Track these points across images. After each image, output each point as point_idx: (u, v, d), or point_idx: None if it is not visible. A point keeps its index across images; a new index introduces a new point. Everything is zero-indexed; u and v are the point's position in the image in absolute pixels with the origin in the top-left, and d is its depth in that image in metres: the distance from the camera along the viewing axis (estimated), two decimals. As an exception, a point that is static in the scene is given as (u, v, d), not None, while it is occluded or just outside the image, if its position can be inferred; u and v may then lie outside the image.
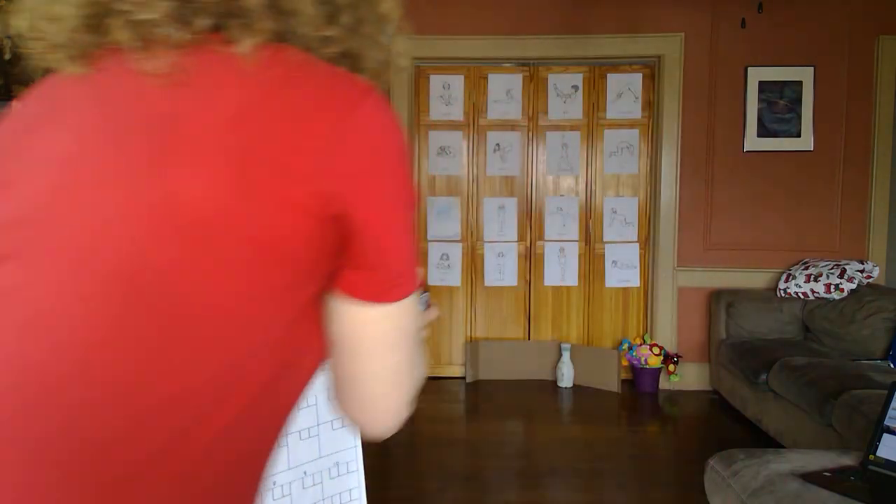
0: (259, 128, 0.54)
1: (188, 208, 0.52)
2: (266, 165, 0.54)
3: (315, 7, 0.61)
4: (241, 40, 0.57)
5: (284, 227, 0.54)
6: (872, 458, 2.03)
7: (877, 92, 4.41)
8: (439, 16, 4.55)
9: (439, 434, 3.76)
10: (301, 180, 0.54)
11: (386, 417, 0.66)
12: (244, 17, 0.57)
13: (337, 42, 0.64)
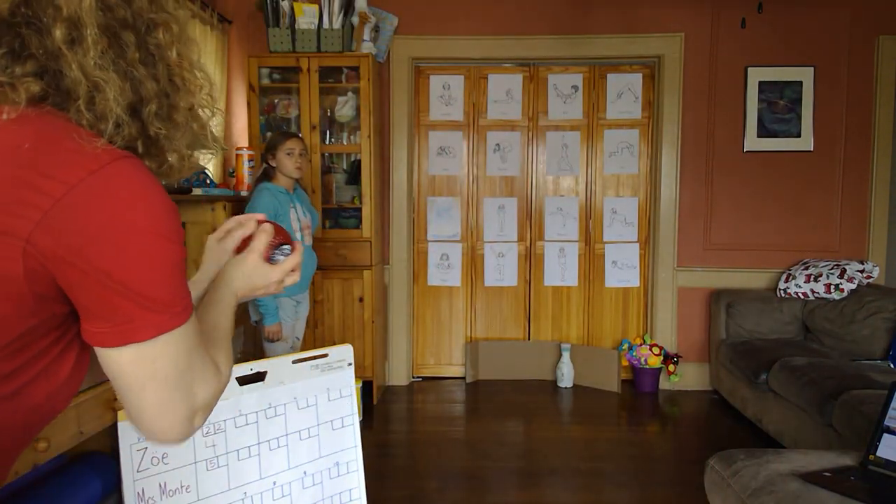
0: None
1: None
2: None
3: (119, 108, 0.73)
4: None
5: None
6: (872, 458, 2.03)
7: (877, 92, 4.42)
8: (439, 16, 4.55)
9: (439, 434, 3.76)
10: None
11: (164, 433, 0.75)
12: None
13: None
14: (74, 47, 0.70)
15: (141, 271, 0.69)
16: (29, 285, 0.67)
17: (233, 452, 2.03)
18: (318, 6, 4.22)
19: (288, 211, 3.09)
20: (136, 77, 0.74)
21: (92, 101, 0.71)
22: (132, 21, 0.75)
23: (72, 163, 0.67)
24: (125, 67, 0.74)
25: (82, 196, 0.66)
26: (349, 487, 2.09)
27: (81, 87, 0.71)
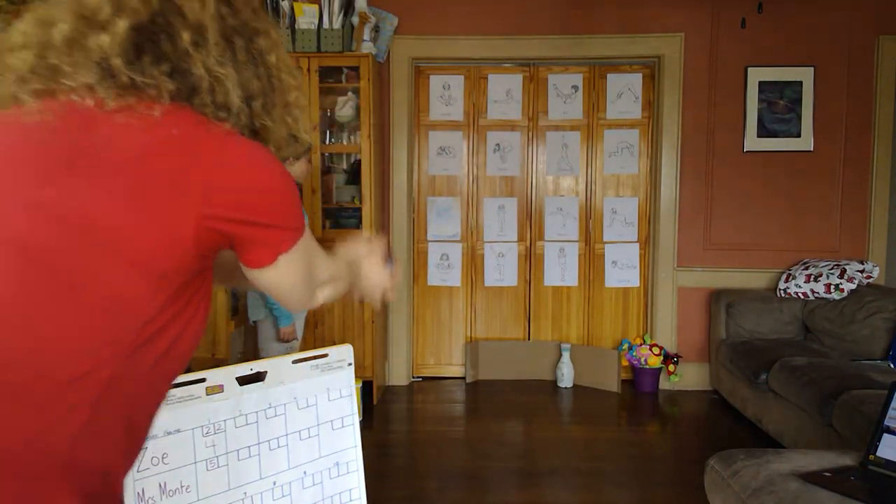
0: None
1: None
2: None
3: (237, 99, 0.87)
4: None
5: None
6: (872, 458, 2.03)
7: (877, 92, 4.41)
8: (439, 16, 4.55)
9: (439, 434, 3.76)
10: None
11: (304, 304, 1.02)
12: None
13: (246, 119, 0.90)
14: (199, 49, 0.84)
15: (280, 207, 0.87)
16: (195, 247, 0.80)
17: (233, 452, 2.03)
18: (318, 6, 4.22)
19: None
20: (245, 76, 0.89)
21: (213, 94, 0.85)
22: (241, 29, 0.90)
23: (214, 135, 0.83)
24: (237, 67, 0.88)
25: (226, 163, 0.81)
26: (349, 487, 2.09)
27: (205, 82, 0.84)
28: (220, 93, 0.85)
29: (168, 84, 0.82)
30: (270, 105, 0.92)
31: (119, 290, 0.75)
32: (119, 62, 0.81)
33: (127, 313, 0.76)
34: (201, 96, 0.84)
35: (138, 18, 0.82)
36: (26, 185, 0.76)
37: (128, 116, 0.79)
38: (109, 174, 0.76)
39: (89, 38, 0.81)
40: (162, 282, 0.78)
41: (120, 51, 0.81)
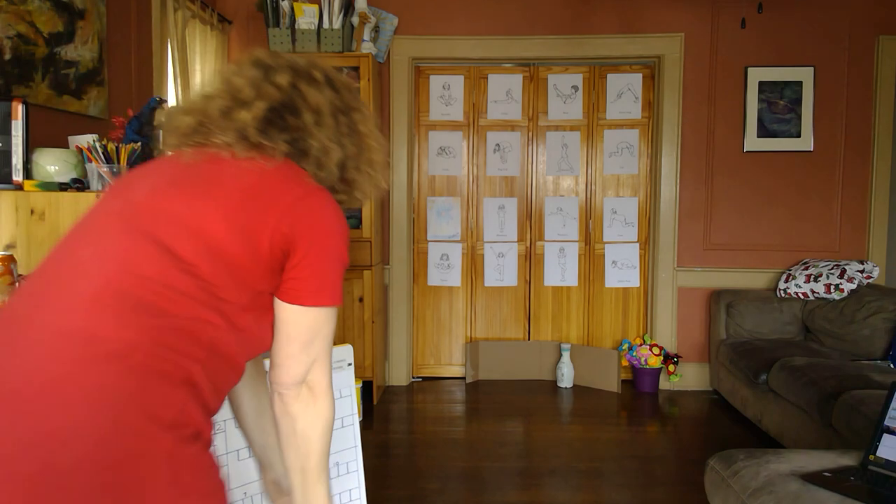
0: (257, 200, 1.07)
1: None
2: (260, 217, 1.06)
3: (334, 163, 1.15)
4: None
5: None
6: (872, 458, 2.03)
7: (877, 92, 4.42)
8: (439, 16, 4.55)
9: (439, 434, 3.76)
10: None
11: (292, 378, 1.10)
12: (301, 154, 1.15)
13: (340, 174, 1.19)
14: (314, 125, 1.13)
15: (333, 261, 1.09)
16: (268, 259, 1.04)
17: (233, 452, 2.03)
18: (318, 6, 4.22)
19: None
20: (344, 144, 1.16)
21: (318, 158, 1.13)
22: (343, 108, 1.18)
23: (303, 187, 1.09)
24: (339, 138, 1.15)
25: (306, 205, 1.07)
26: (349, 487, 2.09)
27: (315, 150, 1.13)
28: (324, 158, 1.14)
29: (283, 147, 1.11)
30: (359, 163, 1.19)
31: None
32: (253, 131, 1.10)
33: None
34: (308, 159, 1.13)
35: (272, 101, 1.12)
36: (181, 198, 1.04)
37: (250, 163, 1.08)
38: (227, 195, 1.05)
39: (235, 113, 1.11)
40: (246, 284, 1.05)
41: (255, 123, 1.10)
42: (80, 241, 1.02)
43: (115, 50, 3.12)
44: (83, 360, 0.89)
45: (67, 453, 0.84)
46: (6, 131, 2.10)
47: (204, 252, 0.99)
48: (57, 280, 0.97)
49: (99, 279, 0.95)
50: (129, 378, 0.89)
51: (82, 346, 0.89)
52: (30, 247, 2.08)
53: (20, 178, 2.12)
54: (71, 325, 0.91)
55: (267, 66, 1.16)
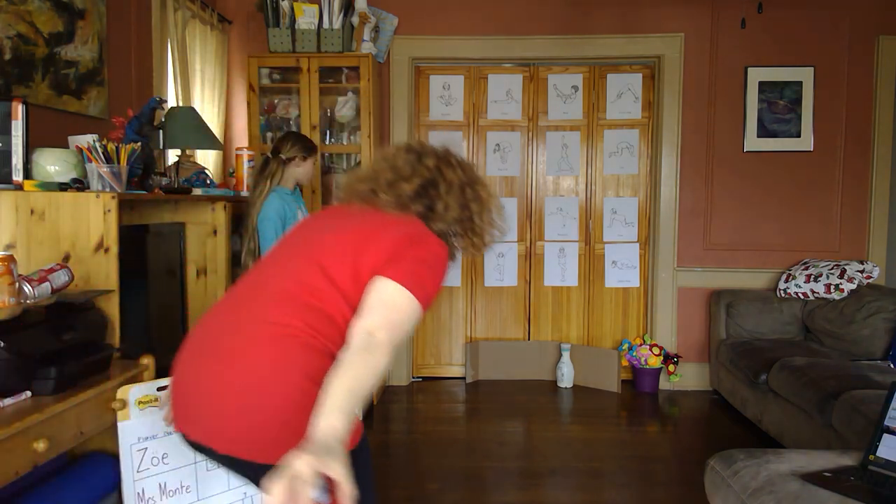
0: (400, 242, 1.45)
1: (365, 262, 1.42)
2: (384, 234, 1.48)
3: (456, 219, 1.58)
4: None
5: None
6: (872, 458, 2.03)
7: (877, 92, 4.42)
8: (439, 16, 4.55)
9: (439, 434, 3.76)
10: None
11: (383, 340, 1.32)
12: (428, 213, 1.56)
13: (463, 225, 1.61)
14: (447, 194, 1.56)
15: (428, 279, 1.43)
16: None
17: (233, 452, 2.03)
18: (318, 6, 4.22)
19: (296, 212, 3.10)
20: (467, 207, 1.59)
21: (443, 218, 1.55)
22: (468, 182, 1.60)
23: (428, 237, 1.50)
24: (463, 202, 1.58)
25: (428, 247, 1.47)
26: (349, 487, 2.09)
27: (441, 211, 1.55)
28: (449, 219, 1.57)
29: (420, 208, 1.55)
30: (482, 220, 1.61)
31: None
32: (407, 199, 1.54)
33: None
34: (434, 216, 1.55)
35: (423, 178, 1.57)
36: (351, 236, 1.47)
37: (397, 217, 1.53)
38: (382, 240, 1.45)
39: (398, 185, 1.56)
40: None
41: (411, 193, 1.55)
42: (275, 258, 1.53)
43: (115, 50, 3.12)
44: (271, 338, 1.35)
45: (257, 398, 1.31)
46: (6, 131, 2.10)
47: (349, 277, 1.40)
48: (259, 283, 1.48)
49: (281, 286, 1.43)
50: (296, 350, 1.34)
51: (270, 328, 1.36)
52: (30, 247, 2.08)
53: (20, 178, 2.12)
54: (264, 315, 1.38)
55: (419, 152, 1.62)
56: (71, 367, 1.76)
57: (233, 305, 1.46)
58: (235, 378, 1.32)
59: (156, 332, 2.64)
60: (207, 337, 1.43)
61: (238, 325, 1.40)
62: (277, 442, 1.28)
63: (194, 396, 1.37)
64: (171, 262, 2.82)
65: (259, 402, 1.31)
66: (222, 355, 1.36)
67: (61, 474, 1.90)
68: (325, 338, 1.36)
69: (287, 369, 1.33)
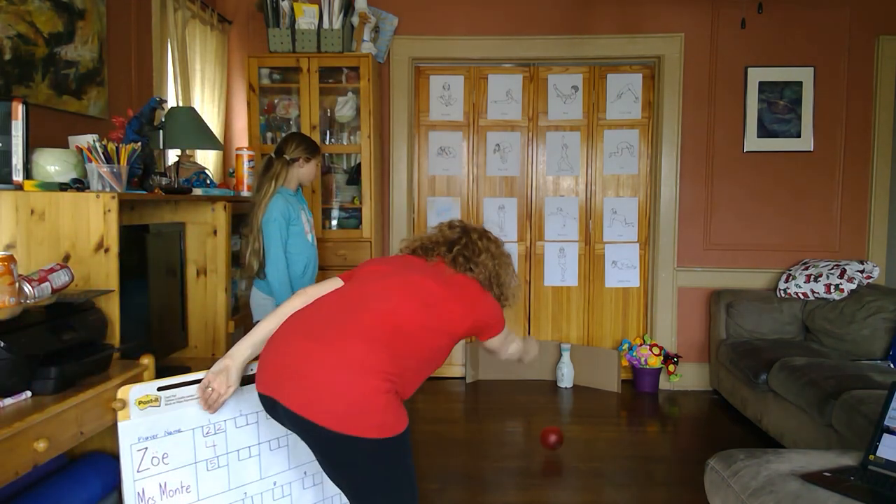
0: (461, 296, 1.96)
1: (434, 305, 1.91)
2: (472, 302, 1.97)
3: (494, 284, 2.04)
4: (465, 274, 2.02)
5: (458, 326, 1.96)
6: (872, 458, 2.03)
7: (877, 92, 4.42)
8: (439, 16, 4.55)
9: (439, 434, 3.76)
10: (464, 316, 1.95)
11: (505, 353, 2.16)
12: (472, 270, 2.01)
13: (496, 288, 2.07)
14: (491, 261, 2.01)
15: (497, 321, 2.03)
16: (466, 332, 1.98)
17: (233, 452, 2.03)
18: (318, 6, 4.22)
19: (299, 213, 3.09)
20: (499, 273, 2.03)
21: (490, 279, 2.00)
22: (499, 254, 2.04)
23: (486, 297, 2.00)
24: (497, 269, 2.01)
25: (487, 303, 2.00)
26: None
27: (484, 272, 1.99)
28: (492, 278, 2.01)
29: (461, 262, 1.97)
30: (510, 284, 2.06)
31: (439, 336, 1.92)
32: (457, 258, 1.97)
33: (439, 347, 1.96)
34: (483, 278, 1.98)
35: (465, 245, 2.00)
36: (423, 274, 1.92)
37: (458, 276, 1.96)
38: (452, 292, 1.91)
39: (451, 246, 2.00)
40: (452, 340, 1.95)
41: (458, 254, 1.98)
42: (376, 282, 1.89)
43: (115, 50, 3.12)
44: (373, 340, 1.73)
45: (346, 381, 1.66)
46: (6, 131, 2.10)
47: (438, 317, 1.87)
48: (363, 296, 1.86)
49: (381, 308, 1.81)
50: (372, 377, 1.68)
51: (375, 331, 1.75)
52: (30, 247, 2.08)
53: (20, 178, 2.12)
54: (361, 327, 1.76)
55: (465, 228, 2.06)
56: (71, 367, 1.76)
57: (338, 309, 1.81)
58: (331, 363, 1.67)
59: (156, 332, 2.64)
60: (315, 326, 1.76)
61: (344, 326, 1.75)
62: (349, 418, 1.65)
63: (291, 368, 1.70)
64: (171, 262, 2.82)
65: (342, 389, 1.65)
66: (326, 344, 1.70)
67: (61, 474, 1.90)
68: (404, 356, 1.78)
69: (374, 367, 1.69)
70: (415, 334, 1.81)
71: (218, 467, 1.99)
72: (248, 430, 2.06)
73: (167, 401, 1.92)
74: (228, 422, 2.03)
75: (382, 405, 1.68)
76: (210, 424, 1.99)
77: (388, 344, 1.73)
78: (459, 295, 1.91)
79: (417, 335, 1.81)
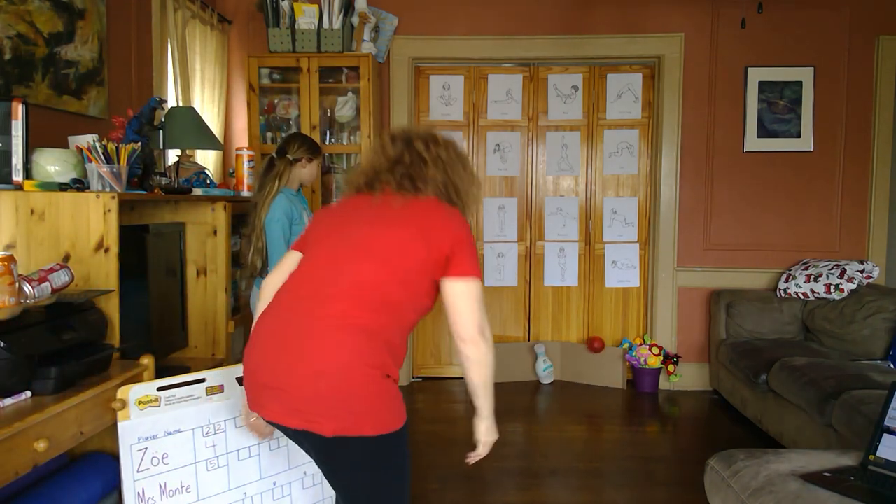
0: (427, 221, 1.69)
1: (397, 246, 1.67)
2: (431, 234, 1.66)
3: (453, 195, 1.77)
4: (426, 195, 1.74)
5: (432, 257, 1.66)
6: (872, 458, 2.03)
7: (877, 92, 4.42)
8: (439, 16, 4.55)
9: (439, 434, 3.76)
10: (431, 249, 1.65)
11: (469, 333, 1.71)
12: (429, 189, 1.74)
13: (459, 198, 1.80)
14: (444, 172, 1.76)
15: (471, 254, 1.68)
16: (438, 259, 1.65)
17: (233, 452, 2.03)
18: (318, 6, 4.22)
19: (301, 213, 3.09)
20: (456, 184, 1.77)
21: (447, 191, 1.76)
22: (452, 162, 1.78)
23: (453, 214, 1.73)
24: (454, 177, 1.77)
25: (457, 226, 1.70)
26: (349, 487, 2.08)
27: (439, 186, 1.76)
28: (451, 191, 1.77)
29: (408, 186, 1.72)
30: (469, 191, 1.80)
31: (413, 278, 1.66)
32: (404, 179, 1.72)
33: (423, 292, 1.70)
34: (438, 193, 1.74)
35: (413, 158, 1.74)
36: (371, 223, 1.70)
37: (403, 198, 1.71)
38: (408, 229, 1.66)
39: (394, 168, 1.74)
40: (432, 277, 1.68)
41: (400, 174, 1.73)
42: (326, 255, 1.70)
43: (115, 50, 3.12)
44: (337, 332, 1.58)
45: (326, 383, 1.55)
46: (6, 131, 2.10)
47: (414, 270, 1.66)
48: (318, 280, 1.67)
49: (344, 282, 1.64)
50: (356, 343, 1.59)
51: (334, 323, 1.59)
52: (30, 247, 2.09)
53: (20, 178, 2.12)
54: (327, 312, 1.60)
55: (408, 137, 1.79)
56: (71, 367, 1.76)
57: (298, 301, 1.66)
58: (312, 370, 1.56)
59: (156, 332, 2.64)
60: (278, 331, 1.63)
61: (310, 322, 1.60)
62: (341, 419, 1.57)
63: (269, 387, 1.60)
64: (171, 262, 2.82)
65: (328, 388, 1.55)
66: (298, 352, 1.58)
67: (61, 474, 1.90)
68: (383, 328, 1.63)
69: (352, 358, 1.58)
70: (387, 298, 1.63)
71: (218, 467, 1.99)
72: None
73: (167, 401, 1.92)
74: (228, 422, 2.03)
75: (372, 397, 1.63)
76: (210, 424, 1.99)
77: (361, 328, 1.59)
78: (417, 228, 1.65)
79: (391, 298, 1.63)
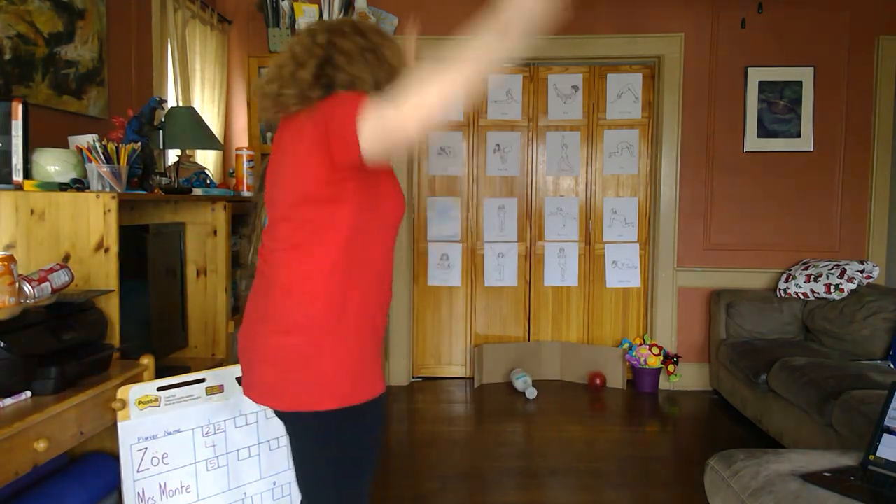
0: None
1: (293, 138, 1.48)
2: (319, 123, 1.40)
3: (368, 78, 1.51)
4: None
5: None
6: (872, 458, 2.03)
7: (877, 92, 4.42)
8: (439, 16, 4.55)
9: (439, 434, 3.76)
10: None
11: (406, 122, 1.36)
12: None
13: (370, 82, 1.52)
14: (349, 65, 1.48)
15: (348, 115, 1.36)
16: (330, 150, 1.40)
17: (233, 452, 2.03)
18: (318, 6, 4.22)
19: None
20: (377, 73, 1.50)
21: (354, 86, 1.47)
22: (371, 48, 1.51)
23: (346, 99, 1.42)
24: (371, 70, 1.50)
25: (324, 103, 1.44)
26: (349, 487, 2.08)
27: (343, 82, 1.48)
28: (359, 85, 1.48)
29: (320, 93, 1.46)
30: (389, 80, 1.50)
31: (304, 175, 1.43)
32: (307, 87, 1.46)
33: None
34: (346, 88, 1.47)
35: (318, 58, 1.47)
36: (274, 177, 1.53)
37: (307, 108, 1.46)
38: (298, 130, 1.44)
39: (298, 74, 1.47)
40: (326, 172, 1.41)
41: (310, 79, 1.46)
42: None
43: (115, 50, 3.12)
44: (263, 331, 1.50)
45: (251, 352, 1.51)
46: (6, 131, 2.10)
47: (294, 203, 1.46)
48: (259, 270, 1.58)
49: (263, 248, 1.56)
50: (254, 303, 1.55)
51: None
52: (30, 247, 2.08)
53: (20, 178, 2.12)
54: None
55: (312, 31, 1.53)
56: (71, 367, 1.76)
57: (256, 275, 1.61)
58: (245, 340, 1.55)
59: (156, 332, 2.64)
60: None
61: (253, 292, 1.58)
62: (279, 391, 1.46)
63: (241, 362, 1.59)
64: (171, 262, 2.81)
65: (261, 361, 1.49)
66: (245, 319, 1.57)
67: (61, 474, 1.90)
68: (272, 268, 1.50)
69: (249, 322, 1.53)
70: (289, 212, 1.46)
71: (218, 467, 1.99)
72: (248, 430, 2.06)
73: (167, 401, 1.92)
74: (228, 422, 2.03)
75: (268, 362, 1.46)
76: (210, 424, 1.99)
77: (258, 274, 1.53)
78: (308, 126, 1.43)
79: (291, 210, 1.46)
